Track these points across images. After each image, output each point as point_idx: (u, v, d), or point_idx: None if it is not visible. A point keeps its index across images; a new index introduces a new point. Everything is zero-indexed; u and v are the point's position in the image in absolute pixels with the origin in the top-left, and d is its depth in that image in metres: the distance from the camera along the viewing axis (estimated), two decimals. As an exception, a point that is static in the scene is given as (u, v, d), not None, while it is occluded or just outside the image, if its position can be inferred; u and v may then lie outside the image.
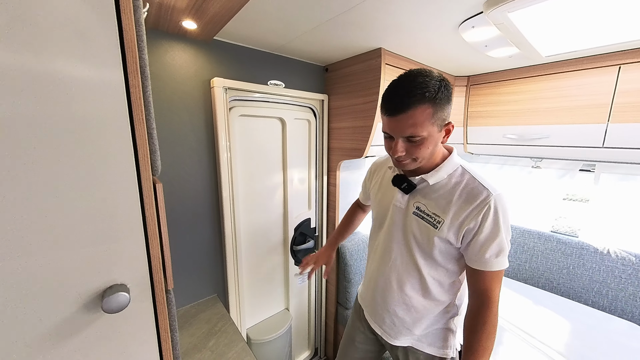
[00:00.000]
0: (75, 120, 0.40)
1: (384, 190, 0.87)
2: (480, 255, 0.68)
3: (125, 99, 0.45)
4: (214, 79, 1.08)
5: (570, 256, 1.52)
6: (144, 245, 0.50)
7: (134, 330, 0.50)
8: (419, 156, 0.69)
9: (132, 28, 0.44)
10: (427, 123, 0.65)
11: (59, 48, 0.38)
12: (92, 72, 0.41)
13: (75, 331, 0.44)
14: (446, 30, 1.02)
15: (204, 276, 1.21)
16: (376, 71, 1.21)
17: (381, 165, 0.95)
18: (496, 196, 0.67)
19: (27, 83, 0.36)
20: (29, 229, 0.38)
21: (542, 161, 1.66)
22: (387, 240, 0.82)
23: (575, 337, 1.09)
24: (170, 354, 0.55)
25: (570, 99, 1.28)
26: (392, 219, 0.81)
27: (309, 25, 0.99)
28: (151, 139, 0.50)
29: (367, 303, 0.91)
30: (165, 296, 0.53)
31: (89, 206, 0.43)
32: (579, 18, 0.89)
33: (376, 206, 0.90)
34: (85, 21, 0.40)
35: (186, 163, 1.10)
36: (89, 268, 0.44)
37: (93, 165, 0.42)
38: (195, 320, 1.03)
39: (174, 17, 0.86)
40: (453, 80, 1.64)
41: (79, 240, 0.43)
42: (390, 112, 0.66)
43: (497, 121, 1.55)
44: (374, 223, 0.91)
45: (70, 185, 0.41)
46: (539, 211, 1.74)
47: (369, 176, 1.01)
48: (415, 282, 0.78)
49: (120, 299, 0.45)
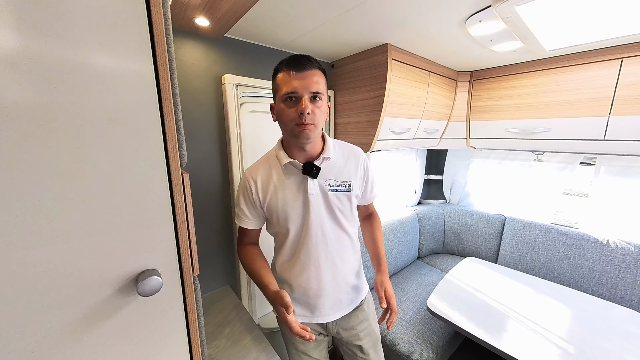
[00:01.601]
0: (111, 111, 0.42)
1: (285, 191, 0.81)
2: (371, 192, 0.96)
3: (155, 91, 0.47)
4: (225, 76, 1.10)
5: (571, 247, 1.55)
6: (173, 232, 0.52)
7: (165, 314, 0.52)
8: (318, 122, 0.75)
9: (161, 22, 0.46)
10: (324, 87, 0.77)
11: (96, 41, 0.40)
12: (126, 64, 0.43)
13: (112, 313, 0.46)
14: (453, 25, 1.04)
15: (217, 268, 1.24)
16: (383, 66, 1.23)
17: (262, 172, 0.84)
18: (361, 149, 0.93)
19: (69, 75, 0.38)
20: (70, 215, 0.41)
21: (543, 154, 1.70)
22: (317, 231, 0.83)
23: (575, 324, 1.13)
24: (197, 337, 0.58)
25: (572, 93, 1.31)
26: (313, 210, 0.81)
27: (316, 22, 1.01)
28: (179, 131, 0.52)
29: (318, 305, 0.87)
30: (192, 281, 0.56)
31: (124, 195, 0.45)
32: (584, 11, 0.91)
33: (281, 212, 0.82)
34: (118, 16, 0.41)
35: (199, 157, 1.12)
36: (124, 253, 0.46)
37: (127, 156, 0.44)
38: (211, 309, 1.06)
39: (188, 13, 0.87)
40: (456, 76, 1.66)
41: (115, 227, 0.45)
42: (297, 69, 0.72)
43: (500, 115, 1.57)
44: (284, 230, 0.84)
45: (108, 175, 0.43)
46: (540, 204, 1.77)
47: (253, 190, 0.83)
48: (348, 246, 0.90)
49: (153, 283, 0.47)
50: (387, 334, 1.36)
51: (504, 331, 1.10)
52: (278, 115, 0.78)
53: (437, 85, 1.53)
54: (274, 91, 0.78)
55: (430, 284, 1.69)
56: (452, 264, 1.82)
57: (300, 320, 0.88)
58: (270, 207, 0.83)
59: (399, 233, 1.85)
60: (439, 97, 1.58)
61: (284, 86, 0.72)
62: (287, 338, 0.95)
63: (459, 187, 2.21)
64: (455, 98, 1.69)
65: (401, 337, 1.33)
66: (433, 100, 1.54)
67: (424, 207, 2.16)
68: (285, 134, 0.81)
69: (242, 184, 0.86)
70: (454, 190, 2.25)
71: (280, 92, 0.74)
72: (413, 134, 1.56)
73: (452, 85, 1.65)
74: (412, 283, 1.73)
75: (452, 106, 1.70)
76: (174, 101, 0.50)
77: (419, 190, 2.30)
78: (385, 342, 1.35)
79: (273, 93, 0.80)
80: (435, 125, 1.67)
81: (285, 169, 0.82)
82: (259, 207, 0.84)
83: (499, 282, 1.42)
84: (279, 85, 0.74)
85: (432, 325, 1.39)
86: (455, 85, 1.67)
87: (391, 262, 1.78)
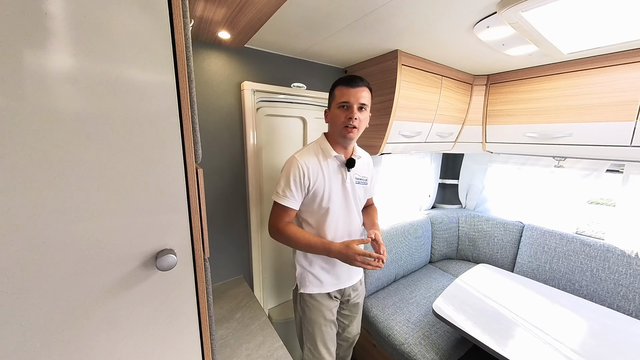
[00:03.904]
0: (142, 115, 0.52)
1: (332, 179, 1.02)
2: (373, 188, 1.23)
3: (176, 98, 0.56)
4: (244, 83, 1.20)
5: (594, 258, 1.47)
6: (188, 218, 0.61)
7: (179, 288, 0.61)
8: (361, 127, 1.00)
9: (182, 41, 0.55)
10: (369, 100, 0.99)
11: (132, 59, 0.49)
12: (153, 76, 0.52)
13: (136, 283, 0.56)
14: (461, 31, 1.06)
15: (232, 258, 1.34)
16: (392, 72, 1.27)
17: (311, 160, 1.00)
18: None
19: (111, 87, 0.48)
20: (108, 199, 0.50)
21: (565, 160, 1.62)
22: (347, 211, 1.08)
23: (591, 337, 1.08)
24: (206, 311, 0.66)
25: (594, 96, 1.26)
26: (345, 195, 1.06)
27: (328, 32, 1.08)
28: (195, 132, 0.61)
29: (344, 272, 1.12)
30: (203, 263, 0.65)
31: (149, 184, 0.54)
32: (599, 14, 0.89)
33: (326, 194, 1.01)
34: (149, 38, 0.51)
35: (218, 156, 1.23)
36: (147, 233, 0.56)
37: (153, 152, 0.53)
38: (224, 295, 1.15)
39: (212, 28, 0.98)
40: (472, 79, 1.64)
41: (142, 211, 0.54)
42: (351, 85, 0.96)
43: (517, 119, 1.54)
44: (322, 209, 1.03)
45: (137, 167, 0.52)
46: (561, 212, 1.69)
47: (305, 174, 0.97)
48: (359, 226, 1.16)
49: (170, 260, 0.56)
50: (393, 333, 1.38)
51: (511, 338, 1.08)
52: (331, 118, 1.02)
53: (450, 89, 1.53)
54: (330, 100, 1.03)
55: (441, 288, 1.67)
56: (465, 270, 1.78)
57: (331, 288, 1.11)
58: (317, 190, 1.00)
59: (409, 235, 1.85)
60: (453, 100, 1.58)
61: (340, 97, 0.97)
62: (316, 313, 1.11)
63: (475, 192, 2.15)
64: (471, 102, 1.67)
65: (406, 337, 1.34)
66: (446, 104, 1.54)
67: (437, 211, 2.14)
68: (334, 133, 1.03)
69: (293, 168, 0.98)
70: (470, 195, 2.20)
71: (335, 101, 0.98)
72: (425, 138, 1.57)
73: (467, 89, 1.63)
74: (422, 286, 1.72)
75: (467, 110, 1.69)
76: (191, 107, 0.59)
77: (433, 194, 2.27)
78: (389, 341, 1.37)
79: (329, 102, 1.04)
80: (449, 129, 1.66)
81: (331, 161, 1.03)
82: (306, 189, 0.99)
83: (510, 290, 1.38)
84: (336, 96, 0.98)
85: (438, 329, 1.39)
86: (470, 89, 1.65)
87: (401, 265, 1.79)
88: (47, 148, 0.44)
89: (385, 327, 1.43)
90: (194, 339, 0.65)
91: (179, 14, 0.53)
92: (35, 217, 0.44)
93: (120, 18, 0.47)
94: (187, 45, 0.57)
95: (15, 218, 0.42)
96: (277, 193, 1.00)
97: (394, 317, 1.47)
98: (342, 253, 0.94)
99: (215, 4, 0.84)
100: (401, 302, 1.59)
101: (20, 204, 0.43)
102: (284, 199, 0.98)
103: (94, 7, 0.45)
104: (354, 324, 1.27)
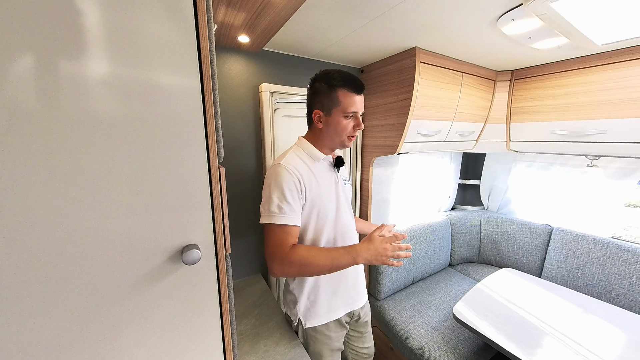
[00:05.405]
0: (170, 117, 0.54)
1: (325, 183, 0.91)
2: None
3: (201, 100, 0.58)
4: (262, 85, 1.23)
5: (633, 265, 1.36)
6: (211, 216, 0.63)
7: (202, 282, 0.63)
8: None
9: (206, 45, 0.57)
10: None
11: (161, 65, 0.52)
12: (180, 80, 0.55)
13: (164, 277, 0.59)
14: (484, 25, 1.02)
15: (251, 256, 1.37)
16: (410, 70, 1.25)
17: (300, 166, 0.87)
18: None
19: (142, 90, 0.51)
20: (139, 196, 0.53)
21: (599, 159, 1.52)
22: (343, 214, 0.96)
23: (630, 349, 1.00)
24: (227, 305, 0.68)
25: (632, 90, 1.17)
26: (338, 197, 0.96)
27: (345, 32, 1.08)
28: (217, 133, 0.63)
29: (353, 288, 1.00)
30: (224, 258, 0.67)
31: (176, 182, 0.57)
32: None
33: (321, 200, 0.88)
34: (176, 44, 0.53)
35: (236, 156, 1.27)
36: (174, 229, 0.58)
37: (179, 152, 0.56)
38: (243, 292, 1.18)
39: (232, 33, 1.02)
40: (495, 76, 1.58)
41: (169, 208, 0.57)
42: (358, 92, 0.87)
43: (545, 117, 1.46)
44: (320, 216, 0.88)
45: (165, 166, 0.55)
46: (594, 215, 1.58)
47: (300, 183, 0.83)
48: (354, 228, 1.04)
49: (194, 255, 0.58)
50: (411, 337, 1.35)
51: (539, 348, 1.03)
52: (333, 125, 0.87)
53: (471, 86, 1.48)
54: (329, 104, 0.85)
55: (461, 292, 1.62)
56: (487, 274, 1.71)
57: (342, 312, 0.97)
58: (313, 199, 0.85)
59: (428, 237, 1.80)
60: (474, 98, 1.52)
61: (349, 105, 0.85)
62: (320, 346, 0.96)
63: (498, 193, 2.06)
64: (494, 99, 1.60)
65: (424, 341, 1.31)
66: (467, 102, 1.49)
67: (457, 213, 2.07)
68: (328, 139, 0.91)
69: (285, 177, 0.80)
70: (492, 197, 2.11)
71: (341, 108, 0.85)
72: (444, 137, 1.53)
73: (489, 86, 1.57)
74: (441, 290, 1.68)
75: (489, 107, 1.62)
76: (215, 109, 0.62)
77: (452, 195, 2.20)
78: (407, 344, 1.35)
79: (324, 104, 0.86)
80: (470, 127, 1.61)
81: (319, 164, 0.92)
82: (304, 197, 0.84)
83: (538, 296, 1.31)
84: (341, 102, 0.85)
85: (459, 334, 1.34)
86: (493, 86, 1.59)
87: (419, 267, 1.75)
88: (84, 150, 0.47)
89: (402, 330, 1.41)
90: (215, 332, 0.67)
91: (204, 19, 0.55)
92: (74, 213, 0.47)
93: (150, 26, 0.50)
94: (211, 49, 0.59)
95: (57, 215, 0.46)
96: (271, 212, 0.79)
97: (412, 320, 1.44)
98: (369, 249, 0.78)
99: (235, 9, 0.87)
100: (419, 305, 1.55)
101: (62, 202, 0.46)
102: (281, 217, 0.79)
103: (126, 16, 0.48)
104: (367, 341, 1.13)
